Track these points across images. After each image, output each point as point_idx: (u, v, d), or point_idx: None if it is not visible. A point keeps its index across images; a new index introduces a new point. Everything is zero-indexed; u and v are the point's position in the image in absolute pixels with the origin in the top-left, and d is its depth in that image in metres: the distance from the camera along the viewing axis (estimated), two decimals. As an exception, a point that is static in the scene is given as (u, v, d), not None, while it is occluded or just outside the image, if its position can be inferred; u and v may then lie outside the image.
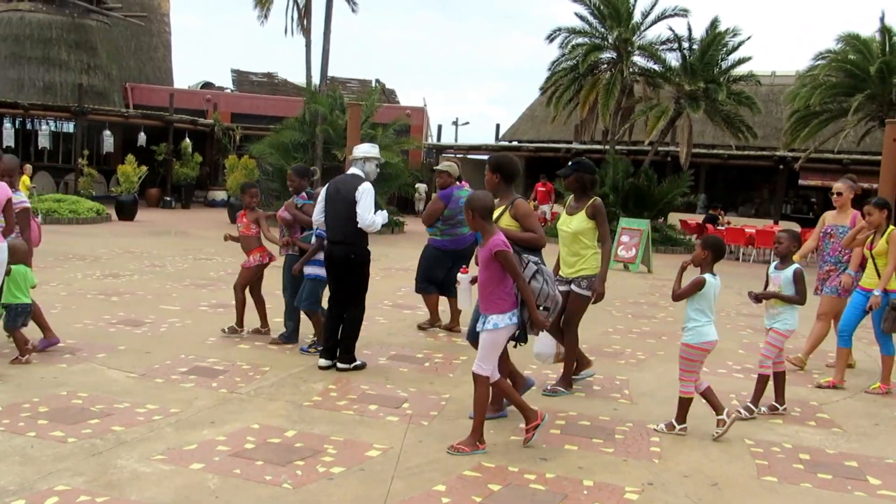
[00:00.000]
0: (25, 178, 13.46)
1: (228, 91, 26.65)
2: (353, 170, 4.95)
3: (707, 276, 3.96)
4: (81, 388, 4.12)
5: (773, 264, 4.50)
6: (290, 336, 5.43)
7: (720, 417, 3.91)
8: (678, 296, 4.04)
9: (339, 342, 4.85)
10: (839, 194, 5.62)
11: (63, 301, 6.57)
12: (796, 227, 17.58)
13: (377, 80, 26.11)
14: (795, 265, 4.34)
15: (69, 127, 21.31)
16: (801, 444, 3.91)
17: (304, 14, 23.41)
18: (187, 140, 21.28)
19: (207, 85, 26.55)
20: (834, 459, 3.71)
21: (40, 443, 3.34)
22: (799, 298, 4.26)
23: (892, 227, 5.02)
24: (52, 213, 14.36)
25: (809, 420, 4.36)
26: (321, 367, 4.82)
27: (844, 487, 3.37)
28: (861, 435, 4.14)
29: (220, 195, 20.88)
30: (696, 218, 17.94)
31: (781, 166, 19.97)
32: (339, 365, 4.82)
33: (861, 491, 3.34)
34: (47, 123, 20.73)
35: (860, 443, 4.00)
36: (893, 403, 4.84)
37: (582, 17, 17.49)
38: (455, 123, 37.23)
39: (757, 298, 4.37)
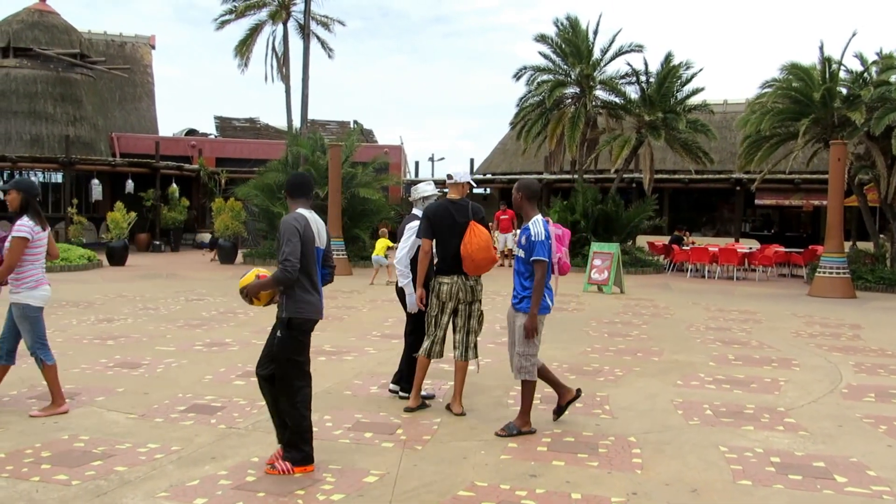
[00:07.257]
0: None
1: (212, 137, 27.15)
2: (414, 210, 5.16)
3: None
4: (82, 432, 4.16)
5: None
6: None
7: None
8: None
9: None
10: None
11: (59, 347, 6.54)
12: (755, 244, 18.36)
13: (355, 121, 26.84)
14: None
15: (58, 177, 21.58)
16: (772, 448, 4.15)
17: (283, 62, 23.86)
18: (174, 185, 21.74)
19: (192, 132, 26.99)
20: (802, 461, 3.93)
21: (45, 487, 3.38)
22: None
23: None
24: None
25: (778, 425, 4.62)
26: (391, 391, 5.12)
27: (814, 487, 3.57)
28: (826, 436, 4.40)
29: (208, 237, 21.08)
30: (663, 239, 18.59)
31: (738, 188, 20.90)
32: (401, 393, 5.03)
33: (829, 489, 3.55)
34: (35, 175, 20.89)
35: (826, 444, 4.26)
36: (856, 406, 5.15)
37: (546, 56, 18.23)
38: (431, 159, 38.23)
39: None
